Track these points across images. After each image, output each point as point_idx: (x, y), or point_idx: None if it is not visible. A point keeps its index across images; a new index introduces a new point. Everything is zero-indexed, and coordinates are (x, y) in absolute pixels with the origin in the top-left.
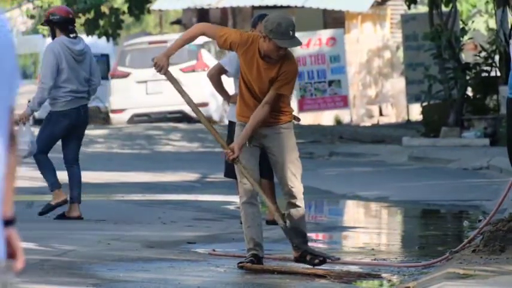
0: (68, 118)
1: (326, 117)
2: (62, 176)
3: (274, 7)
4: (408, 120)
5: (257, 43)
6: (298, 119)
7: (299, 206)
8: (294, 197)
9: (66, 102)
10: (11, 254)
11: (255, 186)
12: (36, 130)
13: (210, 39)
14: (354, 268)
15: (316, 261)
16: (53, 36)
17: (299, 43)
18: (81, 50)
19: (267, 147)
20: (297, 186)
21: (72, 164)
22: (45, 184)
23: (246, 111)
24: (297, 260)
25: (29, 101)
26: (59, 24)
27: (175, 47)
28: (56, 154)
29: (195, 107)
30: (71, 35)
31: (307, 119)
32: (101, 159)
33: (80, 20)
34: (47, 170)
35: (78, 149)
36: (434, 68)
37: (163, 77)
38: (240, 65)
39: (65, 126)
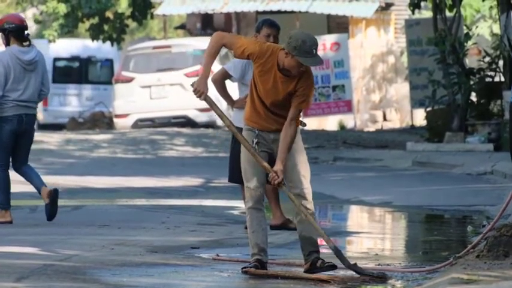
0: (9, 124)
1: (330, 122)
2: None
3: (279, 12)
4: (412, 125)
5: (276, 55)
6: (304, 124)
7: (309, 209)
8: (305, 199)
9: (8, 108)
10: None
11: (299, 208)
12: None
13: None
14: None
15: (326, 265)
16: (7, 44)
17: (321, 62)
18: (32, 59)
19: (276, 150)
20: (307, 187)
21: (21, 168)
22: None
23: (256, 117)
24: (308, 271)
25: None
26: (14, 33)
27: (207, 66)
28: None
29: (235, 130)
30: (25, 43)
31: (311, 124)
32: (104, 164)
33: (85, 25)
34: (2, 187)
35: (26, 157)
36: (438, 73)
37: (167, 81)
38: (253, 75)
39: (9, 132)
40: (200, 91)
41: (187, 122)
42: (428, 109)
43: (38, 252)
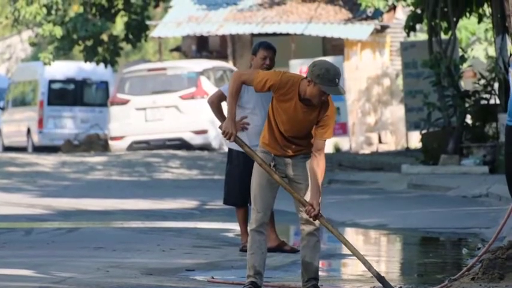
0: None
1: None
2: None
3: (274, 34)
4: (407, 148)
5: (297, 85)
6: None
7: (316, 236)
8: (313, 224)
9: None
10: None
11: (338, 237)
12: (34, 157)
13: (209, 67)
14: None
15: None
16: None
17: (343, 92)
18: None
19: (291, 174)
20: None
21: None
22: (44, 211)
23: (274, 144)
24: None
25: None
26: None
27: (232, 108)
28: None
29: (267, 168)
30: None
31: None
32: (100, 186)
33: (79, 47)
34: None
35: None
36: (433, 95)
37: (162, 104)
38: (271, 104)
39: None
40: (229, 133)
41: (183, 145)
42: (423, 131)
43: (33, 274)
